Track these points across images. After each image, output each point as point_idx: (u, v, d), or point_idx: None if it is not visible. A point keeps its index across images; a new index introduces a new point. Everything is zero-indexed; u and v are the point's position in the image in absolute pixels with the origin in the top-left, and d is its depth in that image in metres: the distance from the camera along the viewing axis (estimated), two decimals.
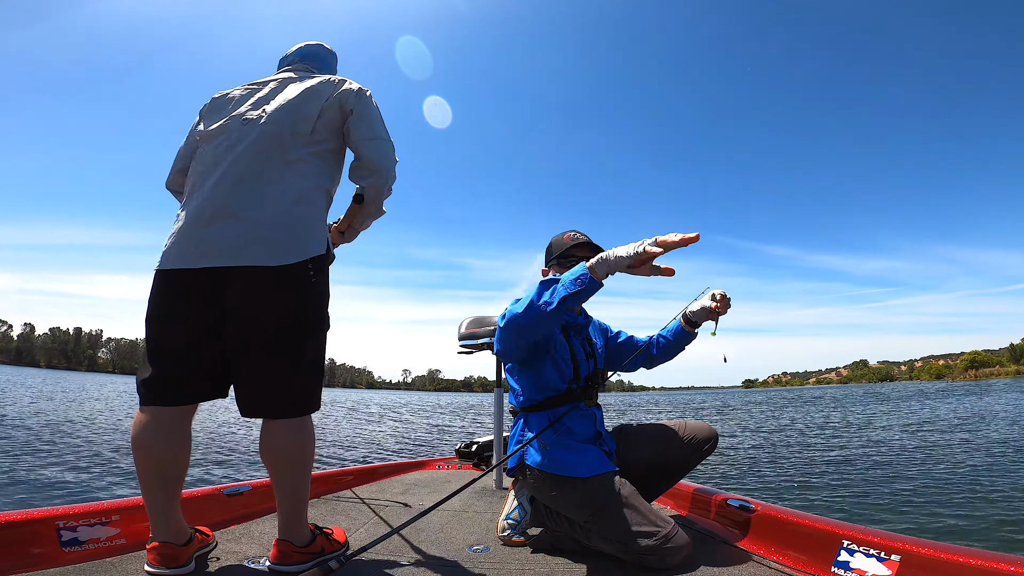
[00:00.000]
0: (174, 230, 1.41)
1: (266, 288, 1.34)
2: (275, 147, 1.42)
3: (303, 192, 1.42)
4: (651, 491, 1.83)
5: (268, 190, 1.38)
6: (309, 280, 1.39)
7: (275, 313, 1.34)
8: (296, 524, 1.41)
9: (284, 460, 1.37)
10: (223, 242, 1.33)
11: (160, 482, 1.33)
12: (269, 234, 1.34)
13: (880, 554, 1.30)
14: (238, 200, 1.36)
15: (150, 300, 1.41)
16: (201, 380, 1.39)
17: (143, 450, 1.32)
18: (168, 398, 1.36)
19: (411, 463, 3.58)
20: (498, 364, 2.89)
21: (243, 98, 1.52)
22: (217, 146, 1.44)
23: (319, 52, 1.71)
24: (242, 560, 1.47)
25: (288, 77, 1.58)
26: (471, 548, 1.68)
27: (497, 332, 1.61)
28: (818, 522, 1.53)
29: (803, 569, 1.45)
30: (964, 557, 1.15)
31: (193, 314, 1.36)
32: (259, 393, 1.36)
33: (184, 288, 1.36)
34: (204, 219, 1.36)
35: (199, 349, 1.37)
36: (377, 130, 1.52)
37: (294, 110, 1.46)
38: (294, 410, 1.38)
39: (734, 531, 1.85)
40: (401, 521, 1.80)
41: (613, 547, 1.53)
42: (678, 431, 1.82)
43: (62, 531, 1.44)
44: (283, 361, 1.36)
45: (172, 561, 1.30)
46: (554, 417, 1.72)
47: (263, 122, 1.44)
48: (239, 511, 1.97)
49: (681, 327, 2.01)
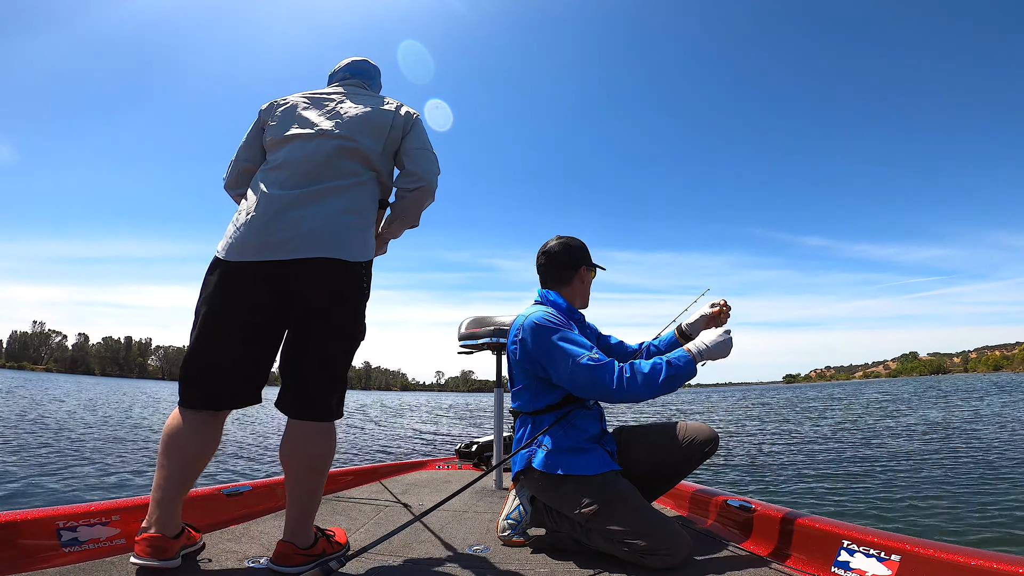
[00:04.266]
0: (240, 223, 1.44)
1: (333, 281, 1.40)
2: (346, 158, 1.50)
3: (363, 202, 1.51)
4: (651, 492, 1.83)
5: (334, 196, 1.45)
6: (362, 282, 1.47)
7: (339, 309, 1.41)
8: (304, 527, 1.41)
9: (307, 463, 1.40)
10: (295, 238, 1.38)
11: (181, 477, 1.36)
12: (335, 233, 1.41)
13: (880, 554, 1.30)
14: (308, 202, 1.42)
15: (207, 295, 1.42)
16: (244, 384, 1.43)
17: (175, 446, 1.35)
18: (212, 402, 1.39)
19: (411, 463, 3.58)
20: (498, 364, 2.89)
21: (315, 108, 1.58)
22: (291, 151, 1.50)
23: (368, 69, 1.79)
24: (242, 560, 1.47)
25: (354, 93, 1.66)
26: (471, 548, 1.68)
27: (596, 388, 1.62)
28: (818, 522, 1.53)
29: (803, 569, 1.45)
30: (964, 557, 1.15)
31: (253, 312, 1.39)
32: (308, 391, 1.40)
33: (246, 282, 1.39)
34: (273, 217, 1.40)
35: (253, 351, 1.41)
36: (426, 143, 1.65)
37: (368, 125, 1.55)
38: (329, 414, 1.42)
39: (734, 531, 1.85)
40: (401, 521, 1.80)
41: (614, 547, 1.53)
42: (679, 432, 1.81)
43: (62, 531, 1.44)
44: (336, 363, 1.42)
45: (162, 553, 1.30)
46: (560, 416, 1.72)
47: (341, 135, 1.52)
48: (239, 511, 1.97)
49: (675, 340, 2.01)
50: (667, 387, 1.61)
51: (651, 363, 1.62)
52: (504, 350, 2.80)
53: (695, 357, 1.65)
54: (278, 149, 1.53)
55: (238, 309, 1.38)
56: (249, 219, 1.42)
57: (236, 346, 1.39)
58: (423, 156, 1.61)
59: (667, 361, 1.62)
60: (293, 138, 1.52)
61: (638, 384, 1.59)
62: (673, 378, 1.61)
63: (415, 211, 1.64)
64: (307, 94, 1.65)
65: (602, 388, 1.60)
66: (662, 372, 1.60)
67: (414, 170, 1.59)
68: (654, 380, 1.59)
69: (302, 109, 1.58)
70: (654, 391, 1.60)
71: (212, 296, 1.40)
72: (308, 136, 1.51)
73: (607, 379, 1.59)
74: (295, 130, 1.53)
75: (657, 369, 1.61)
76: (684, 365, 1.62)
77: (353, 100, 1.62)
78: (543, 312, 1.76)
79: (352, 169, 1.50)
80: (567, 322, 1.75)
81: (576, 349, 1.65)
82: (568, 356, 1.64)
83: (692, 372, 1.64)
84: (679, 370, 1.61)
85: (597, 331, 2.07)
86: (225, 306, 1.39)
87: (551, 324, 1.71)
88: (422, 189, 1.60)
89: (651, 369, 1.60)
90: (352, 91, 1.67)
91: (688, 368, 1.63)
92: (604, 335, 2.08)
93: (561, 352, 1.66)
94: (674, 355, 1.65)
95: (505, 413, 2.27)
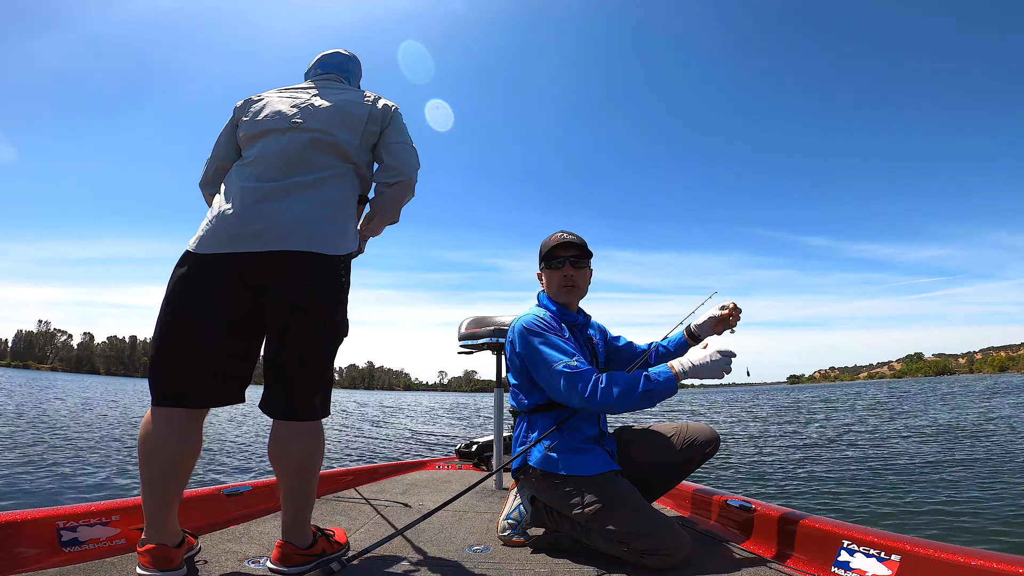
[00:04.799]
0: (212, 216, 1.41)
1: (309, 275, 1.37)
2: (321, 151, 1.48)
3: (340, 195, 1.48)
4: (652, 492, 1.83)
5: (310, 189, 1.43)
6: (340, 276, 1.43)
7: (315, 303, 1.37)
8: (300, 526, 1.41)
9: (296, 463, 1.38)
10: (270, 230, 1.35)
11: (166, 484, 1.31)
12: (312, 225, 1.38)
13: (880, 554, 1.30)
14: (283, 194, 1.40)
15: (174, 287, 1.38)
16: (217, 380, 1.37)
17: (152, 451, 1.30)
18: (186, 399, 1.33)
19: (411, 463, 3.58)
20: (498, 364, 2.89)
21: (288, 103, 1.56)
22: (265, 146, 1.48)
23: (342, 62, 1.77)
24: (242, 560, 1.47)
25: (328, 87, 1.64)
26: (471, 548, 1.68)
27: (570, 395, 1.61)
28: (818, 522, 1.52)
29: (803, 569, 1.45)
30: (964, 557, 1.15)
31: (224, 305, 1.35)
32: (289, 390, 1.37)
33: (218, 275, 1.35)
34: (248, 208, 1.37)
35: (225, 346, 1.36)
36: (405, 136, 1.63)
37: (342, 118, 1.53)
38: (314, 413, 1.40)
39: (734, 531, 1.85)
40: (402, 522, 1.80)
41: (614, 547, 1.53)
42: (679, 433, 1.81)
43: (62, 531, 1.44)
44: (316, 359, 1.39)
45: (167, 563, 1.28)
46: (559, 418, 1.72)
47: (314, 128, 1.49)
48: (239, 511, 1.97)
49: (684, 340, 1.99)
50: (645, 402, 1.58)
51: (630, 376, 1.60)
52: (503, 350, 2.80)
53: (677, 375, 1.60)
54: (252, 145, 1.51)
55: (208, 302, 1.34)
56: (222, 212, 1.39)
57: (206, 341, 1.34)
58: (402, 150, 1.59)
59: (646, 376, 1.59)
60: (266, 133, 1.50)
61: (612, 396, 1.57)
62: (651, 393, 1.57)
63: (395, 207, 1.61)
64: (281, 90, 1.63)
65: (575, 396, 1.60)
66: (639, 386, 1.57)
67: (393, 164, 1.57)
68: (630, 394, 1.57)
69: (275, 105, 1.55)
70: (629, 404, 1.58)
71: (181, 290, 1.36)
72: (281, 131, 1.49)
73: (580, 388, 1.58)
74: (268, 125, 1.51)
75: (634, 383, 1.57)
76: (664, 382, 1.58)
77: (327, 94, 1.60)
78: (532, 315, 1.77)
79: (328, 162, 1.48)
80: (555, 326, 1.75)
81: (555, 355, 1.64)
82: (547, 362, 1.65)
83: (672, 390, 1.60)
84: (658, 386, 1.58)
85: (607, 332, 2.08)
86: (195, 299, 1.34)
87: (536, 328, 1.72)
88: (401, 184, 1.57)
89: (627, 382, 1.58)
90: (326, 85, 1.65)
91: (668, 385, 1.59)
92: (614, 336, 2.08)
93: (542, 357, 1.67)
94: (655, 370, 1.61)
95: (505, 413, 2.27)
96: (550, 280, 1.87)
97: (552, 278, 1.86)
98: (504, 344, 2.05)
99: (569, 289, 1.85)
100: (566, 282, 1.84)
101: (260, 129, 1.51)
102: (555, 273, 1.85)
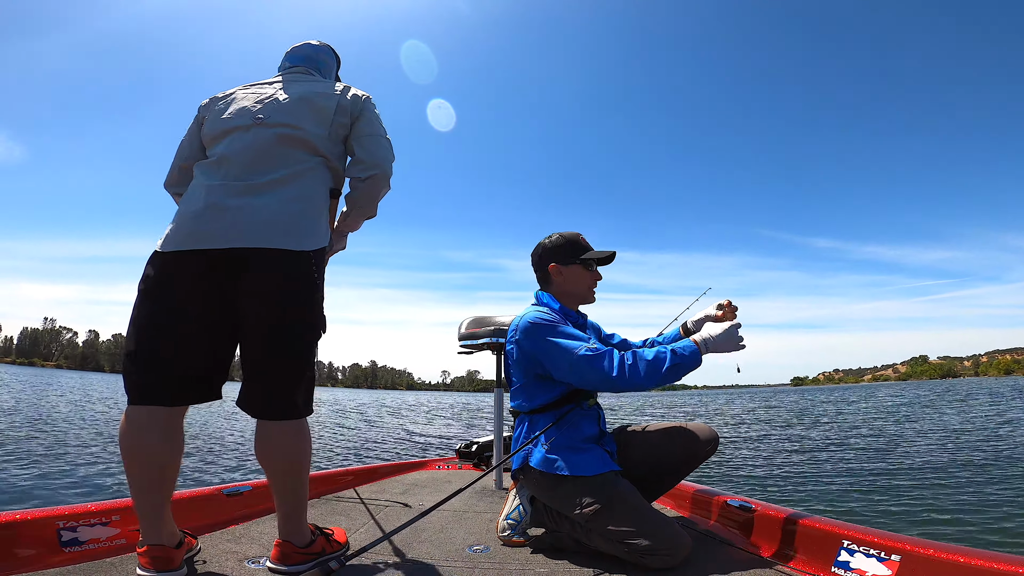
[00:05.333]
0: (178, 214, 1.39)
1: (279, 272, 1.34)
2: (288, 146, 1.44)
3: (310, 190, 1.44)
4: (651, 492, 1.83)
5: (278, 185, 1.39)
6: (312, 272, 1.39)
7: (286, 300, 1.34)
8: (296, 525, 1.40)
9: (284, 462, 1.37)
10: (236, 226, 1.33)
11: (153, 484, 1.29)
12: (281, 222, 1.36)
13: (880, 554, 1.30)
14: (250, 192, 1.37)
15: (143, 286, 1.36)
16: (197, 379, 1.36)
17: (131, 451, 1.28)
18: (163, 397, 1.31)
19: (411, 463, 3.58)
20: (498, 364, 2.89)
21: (252, 98, 1.53)
22: (230, 144, 1.45)
23: (311, 55, 1.72)
24: (242, 560, 1.47)
25: (294, 79, 1.60)
26: (471, 548, 1.68)
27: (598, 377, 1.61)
28: (818, 522, 1.53)
29: (803, 569, 1.45)
30: (964, 557, 1.15)
31: (193, 302, 1.33)
32: (265, 389, 1.35)
33: (185, 272, 1.33)
34: (214, 206, 1.35)
35: (195, 344, 1.34)
36: (377, 128, 1.57)
37: (309, 110, 1.49)
38: (293, 412, 1.37)
39: (735, 531, 1.85)
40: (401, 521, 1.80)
41: (614, 547, 1.53)
42: (679, 432, 1.81)
43: (62, 531, 1.44)
44: (291, 357, 1.36)
45: (167, 564, 1.27)
46: (559, 417, 1.72)
47: (278, 122, 1.46)
48: (239, 511, 1.97)
49: (679, 337, 1.99)
50: (671, 376, 1.59)
51: (655, 351, 1.62)
52: (504, 350, 2.80)
53: (700, 348, 1.63)
54: (216, 143, 1.48)
55: (177, 300, 1.32)
56: (188, 210, 1.37)
57: (176, 339, 1.32)
58: (374, 142, 1.54)
59: (672, 350, 1.61)
60: (230, 131, 1.47)
61: (640, 372, 1.57)
62: (678, 367, 1.59)
63: (370, 201, 1.57)
64: (248, 85, 1.60)
65: (604, 377, 1.59)
66: (667, 361, 1.59)
67: (364, 158, 1.53)
68: (658, 368, 1.58)
69: (240, 102, 1.52)
70: (657, 380, 1.58)
71: (149, 288, 1.34)
72: (245, 127, 1.45)
73: (607, 367, 1.59)
74: (232, 123, 1.48)
75: (661, 358, 1.59)
76: (690, 355, 1.61)
77: (292, 87, 1.55)
78: (536, 312, 1.77)
79: (296, 157, 1.44)
80: (561, 319, 1.76)
81: (572, 343, 1.65)
82: (566, 351, 1.64)
83: (697, 362, 1.62)
84: (684, 359, 1.60)
85: (600, 330, 2.08)
86: (163, 298, 1.33)
87: (545, 322, 1.72)
88: (375, 178, 1.53)
89: (655, 357, 1.59)
90: (294, 78, 1.61)
91: (694, 358, 1.61)
92: (608, 333, 2.08)
93: (558, 348, 1.66)
94: (680, 345, 1.64)
95: (505, 413, 2.27)
96: (579, 278, 1.86)
97: (584, 278, 1.86)
98: (504, 344, 2.05)
99: (593, 295, 1.89)
100: (594, 286, 1.88)
101: (223, 128, 1.48)
102: (590, 274, 1.86)
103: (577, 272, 1.85)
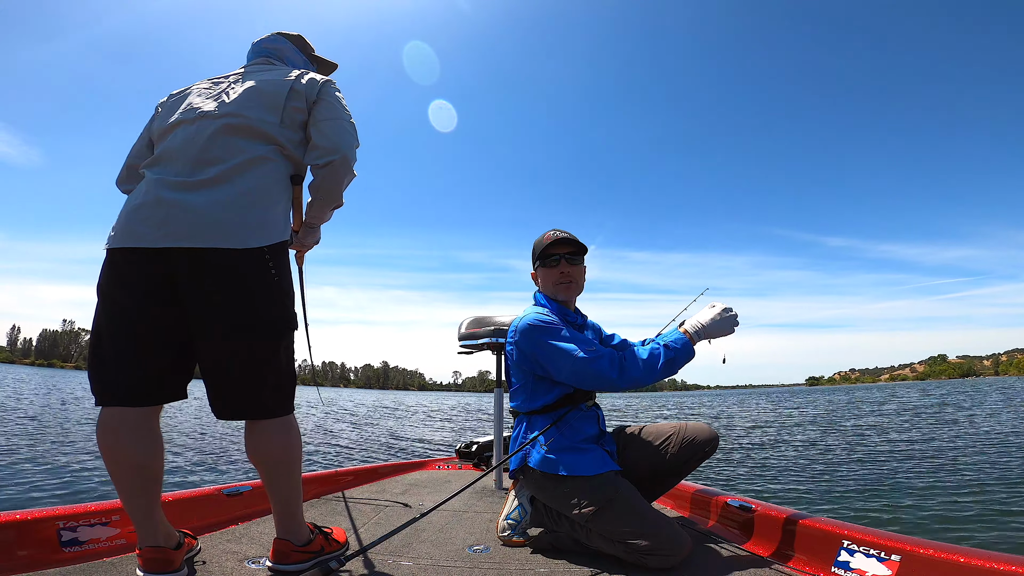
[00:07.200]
0: (125, 211, 1.34)
1: (228, 269, 1.28)
2: (235, 136, 1.38)
3: (261, 181, 1.37)
4: (651, 492, 1.83)
5: (223, 180, 1.33)
6: (266, 267, 1.33)
7: (238, 298, 1.29)
8: (292, 523, 1.40)
9: (271, 460, 1.36)
10: (181, 225, 1.27)
11: (139, 487, 1.27)
12: (228, 218, 1.29)
13: (880, 554, 1.30)
14: (195, 187, 1.31)
15: (98, 285, 1.33)
16: (159, 380, 1.31)
17: (115, 454, 1.26)
18: (126, 397, 1.28)
19: (411, 463, 3.58)
20: (498, 364, 2.89)
21: (202, 92, 1.48)
22: (174, 139, 1.39)
23: (271, 48, 1.66)
24: (242, 560, 1.47)
25: (249, 70, 1.55)
26: (471, 548, 1.68)
27: (597, 379, 1.64)
28: (818, 522, 1.53)
29: (803, 569, 1.45)
30: (964, 557, 1.15)
31: (143, 301, 1.28)
32: (223, 395, 1.31)
33: (132, 271, 1.29)
34: (158, 203, 1.29)
35: (160, 342, 1.30)
36: (338, 111, 1.50)
37: (257, 97, 1.43)
38: (266, 412, 1.34)
39: (734, 532, 1.85)
40: (401, 521, 1.80)
41: (613, 547, 1.53)
42: (678, 432, 1.81)
43: (62, 531, 1.44)
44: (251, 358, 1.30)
45: (166, 566, 1.27)
46: (557, 418, 1.72)
47: (224, 113, 1.40)
48: (239, 511, 1.97)
49: None
50: (668, 370, 1.64)
51: (649, 348, 1.67)
52: (504, 350, 2.80)
53: (692, 338, 1.68)
54: (162, 140, 1.43)
55: (128, 298, 1.28)
56: (133, 207, 1.32)
57: (135, 338, 1.28)
58: (332, 127, 1.46)
59: (664, 345, 1.66)
60: (176, 125, 1.41)
61: (639, 370, 1.63)
62: (672, 361, 1.65)
63: (332, 189, 1.49)
64: (205, 80, 1.55)
65: (603, 378, 1.63)
66: (661, 356, 1.64)
67: (321, 143, 1.44)
68: (653, 365, 1.63)
69: (191, 95, 1.48)
70: (655, 376, 1.63)
71: (102, 288, 1.32)
72: (190, 121, 1.40)
73: (606, 369, 1.62)
74: (178, 117, 1.43)
75: (656, 354, 1.65)
76: (682, 347, 1.66)
77: (247, 77, 1.50)
78: (535, 314, 1.78)
79: (243, 147, 1.37)
80: (559, 321, 1.76)
81: (570, 346, 1.67)
82: (564, 353, 1.66)
83: (691, 353, 1.67)
84: (677, 352, 1.65)
85: (601, 330, 2.08)
86: (116, 295, 1.30)
87: (543, 324, 1.73)
88: (333, 164, 1.45)
89: (649, 355, 1.64)
90: (252, 69, 1.56)
91: (686, 350, 1.66)
92: (608, 334, 2.09)
93: (557, 351, 1.68)
94: (671, 339, 1.68)
95: (505, 414, 2.27)
96: (546, 278, 1.88)
97: (548, 276, 1.87)
98: (504, 344, 2.05)
99: (566, 286, 1.85)
100: (563, 279, 1.85)
101: (169, 123, 1.44)
102: (551, 271, 1.86)
103: (544, 273, 1.89)
